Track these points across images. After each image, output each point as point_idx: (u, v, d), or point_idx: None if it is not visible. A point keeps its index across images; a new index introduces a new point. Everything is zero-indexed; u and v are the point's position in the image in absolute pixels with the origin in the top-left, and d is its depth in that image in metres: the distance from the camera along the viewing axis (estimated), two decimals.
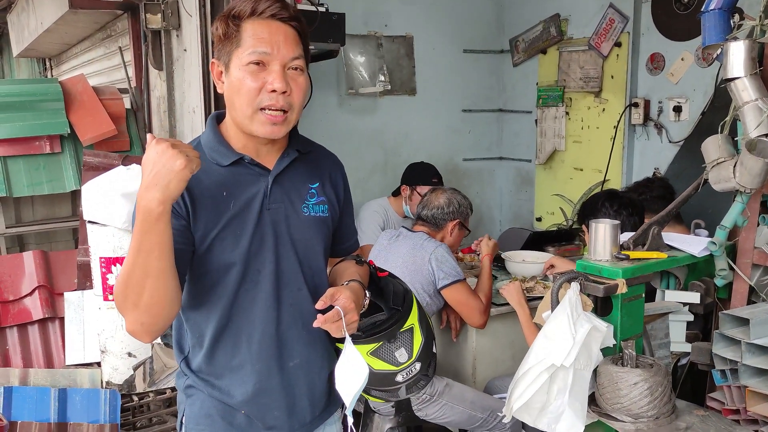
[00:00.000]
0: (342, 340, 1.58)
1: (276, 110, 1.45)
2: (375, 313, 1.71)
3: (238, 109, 1.47)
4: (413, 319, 1.65)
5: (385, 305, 1.71)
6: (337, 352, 1.65)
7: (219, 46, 1.50)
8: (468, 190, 4.87)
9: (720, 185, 1.95)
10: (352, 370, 1.48)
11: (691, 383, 2.27)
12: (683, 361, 2.25)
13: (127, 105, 3.84)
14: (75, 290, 3.34)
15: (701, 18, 2.05)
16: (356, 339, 1.55)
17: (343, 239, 1.75)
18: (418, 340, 1.64)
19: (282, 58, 1.45)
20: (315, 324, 1.42)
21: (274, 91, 1.44)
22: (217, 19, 1.51)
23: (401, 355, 1.61)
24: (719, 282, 2.08)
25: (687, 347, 2.13)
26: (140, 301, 1.35)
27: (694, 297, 2.11)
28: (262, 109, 1.45)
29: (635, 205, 2.82)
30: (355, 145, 4.34)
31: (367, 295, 1.63)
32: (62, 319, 3.39)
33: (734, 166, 1.89)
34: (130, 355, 2.98)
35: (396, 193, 3.86)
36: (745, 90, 1.86)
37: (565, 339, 1.67)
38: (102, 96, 3.58)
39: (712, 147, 1.97)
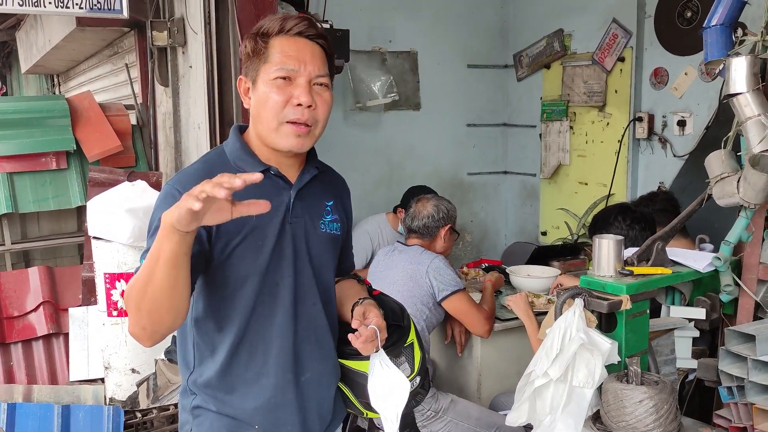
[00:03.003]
0: (345, 356, 1.62)
1: (300, 123, 1.48)
2: None
3: (264, 122, 1.49)
4: (413, 335, 1.69)
5: (390, 322, 1.72)
6: (342, 368, 1.66)
7: (247, 63, 1.54)
8: (473, 204, 4.88)
9: (724, 200, 1.94)
10: (391, 387, 1.51)
11: (699, 400, 2.25)
12: (691, 377, 2.23)
13: (134, 121, 3.87)
14: (80, 306, 3.34)
15: (703, 34, 2.05)
16: (361, 355, 1.56)
17: (346, 258, 1.78)
18: (418, 354, 1.67)
19: (308, 74, 1.49)
20: (354, 342, 1.46)
21: (299, 104, 1.47)
22: (246, 38, 1.55)
23: (405, 369, 1.62)
24: (725, 298, 2.06)
25: (693, 363, 2.11)
26: (142, 305, 1.32)
27: (700, 313, 2.09)
28: (288, 122, 1.48)
29: (648, 219, 2.80)
30: (360, 160, 4.35)
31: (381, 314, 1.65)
32: (67, 335, 3.39)
33: (738, 182, 1.89)
34: (133, 371, 2.98)
35: (396, 210, 3.85)
36: (747, 105, 1.86)
37: (551, 352, 1.68)
38: (108, 112, 3.61)
39: (716, 162, 1.97)
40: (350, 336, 1.46)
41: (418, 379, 1.66)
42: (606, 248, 1.89)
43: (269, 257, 1.50)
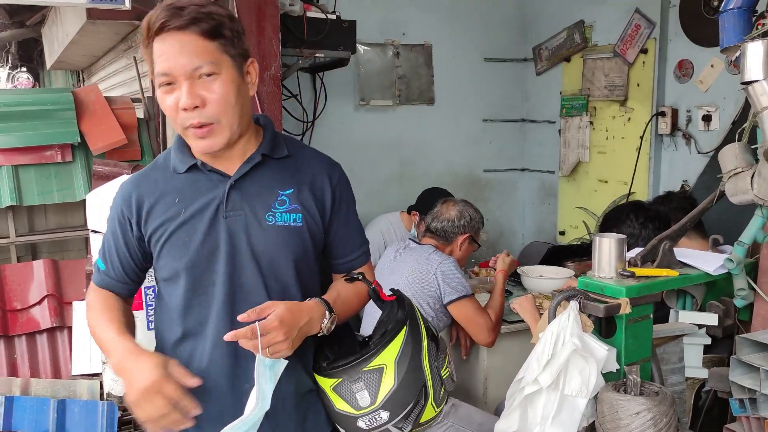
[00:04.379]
0: (321, 372, 1.48)
1: (196, 127, 1.38)
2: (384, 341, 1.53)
3: (175, 128, 1.45)
4: (387, 358, 1.44)
5: (360, 337, 1.61)
6: (315, 383, 1.54)
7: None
8: (489, 202, 4.74)
9: (737, 197, 1.80)
10: (252, 404, 1.33)
11: (718, 411, 2.11)
12: (708, 387, 2.09)
13: (141, 115, 3.83)
14: (83, 300, 3.32)
15: (719, 18, 1.91)
16: (320, 370, 1.45)
17: (339, 254, 1.60)
18: (387, 383, 1.43)
19: (184, 72, 1.35)
20: (225, 338, 1.31)
21: (185, 109, 1.36)
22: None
23: (362, 398, 1.43)
24: (739, 303, 1.92)
25: (704, 373, 1.97)
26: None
27: (712, 318, 1.95)
28: (186, 128, 1.40)
29: (663, 218, 2.66)
30: (370, 155, 4.24)
31: (327, 316, 1.44)
32: (71, 329, 3.37)
33: (752, 177, 1.74)
34: None
35: (410, 212, 3.73)
36: (764, 94, 1.72)
37: (542, 358, 1.55)
38: (114, 105, 3.57)
39: (729, 156, 1.83)
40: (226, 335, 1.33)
41: (383, 414, 1.42)
42: (607, 247, 1.76)
43: (196, 254, 1.44)
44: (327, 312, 1.44)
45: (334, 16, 3.29)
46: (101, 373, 3.14)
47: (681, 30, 3.65)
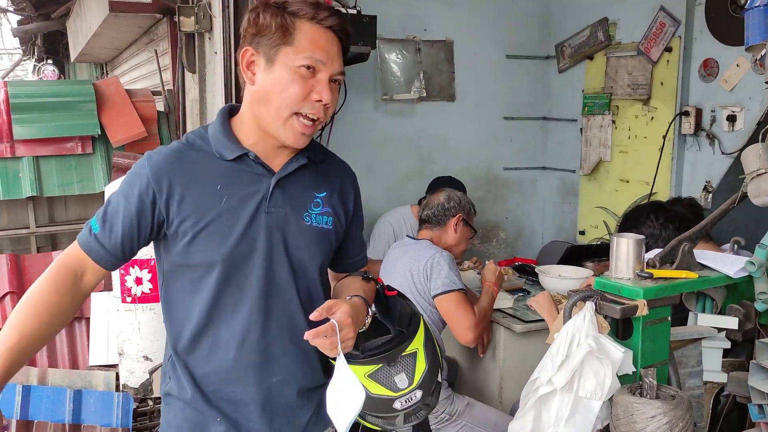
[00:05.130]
0: (356, 361, 1.47)
1: (311, 120, 1.41)
2: (382, 335, 1.58)
3: (274, 108, 1.41)
4: (418, 343, 1.54)
5: (391, 326, 1.59)
6: (332, 372, 1.55)
7: (261, 36, 1.41)
8: (508, 200, 4.70)
9: (760, 199, 1.75)
10: (346, 394, 1.38)
11: (738, 416, 2.06)
12: (727, 391, 2.05)
13: (162, 108, 3.85)
14: (101, 291, 3.34)
15: (745, 16, 1.86)
16: (353, 359, 1.45)
17: (349, 254, 1.67)
18: (421, 366, 1.52)
19: (332, 70, 1.42)
20: (306, 336, 1.33)
21: (319, 101, 1.40)
22: (265, 8, 1.42)
23: (401, 380, 1.50)
24: (760, 306, 1.87)
25: (723, 377, 1.93)
26: None
27: (731, 322, 1.91)
28: (298, 114, 1.40)
29: (683, 218, 2.60)
30: (390, 151, 4.23)
31: (370, 312, 1.53)
32: (88, 320, 3.40)
33: None
34: (146, 358, 2.95)
35: (420, 203, 3.72)
36: None
37: (557, 359, 1.53)
38: (134, 98, 3.60)
39: (752, 157, 1.78)
40: (306, 333, 1.34)
41: (418, 393, 1.51)
42: (625, 248, 1.73)
43: (235, 246, 1.42)
44: (369, 309, 1.52)
45: (354, 11, 3.27)
46: (117, 365, 3.16)
47: (706, 28, 3.59)
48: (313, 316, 1.36)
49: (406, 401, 1.50)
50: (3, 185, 3.37)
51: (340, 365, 1.38)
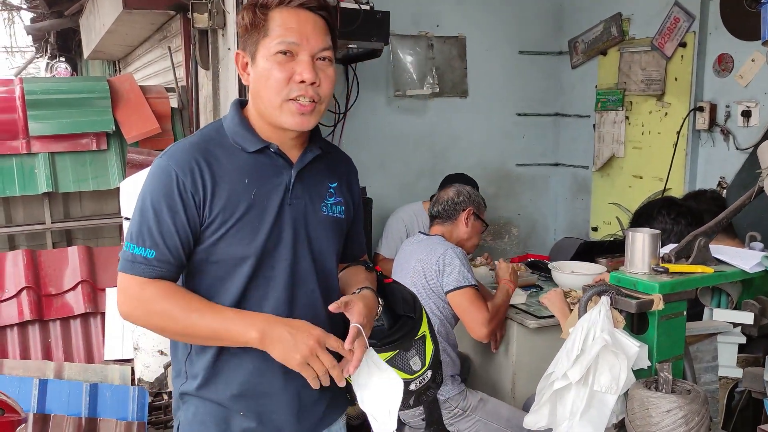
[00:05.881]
0: (375, 349, 1.52)
1: (305, 101, 1.41)
2: (388, 320, 1.63)
3: (266, 100, 1.42)
4: (425, 327, 1.61)
5: (392, 312, 1.62)
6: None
7: (245, 37, 1.45)
8: (521, 196, 4.70)
9: None
10: (382, 387, 1.43)
11: (752, 411, 2.06)
12: (741, 387, 2.04)
13: (175, 104, 3.87)
14: (116, 286, 3.37)
15: (761, 10, 1.85)
16: (372, 348, 1.48)
17: (352, 243, 1.69)
18: (429, 347, 1.59)
19: (311, 49, 1.41)
20: (346, 345, 1.37)
21: (303, 81, 1.40)
22: (243, 9, 1.46)
23: (415, 363, 1.56)
24: None
25: (738, 372, 1.92)
26: (157, 327, 1.42)
27: (747, 317, 1.90)
28: (290, 100, 1.41)
29: (695, 214, 2.59)
30: (402, 148, 4.23)
31: (380, 302, 1.56)
32: (104, 315, 3.43)
33: None
34: (161, 353, 2.98)
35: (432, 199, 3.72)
36: None
37: (572, 353, 1.53)
38: (148, 95, 3.62)
39: None
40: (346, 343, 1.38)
41: (429, 373, 1.59)
42: (640, 242, 1.72)
43: (266, 239, 1.43)
44: (378, 299, 1.54)
45: (367, 7, 3.27)
46: (133, 359, 3.19)
47: (721, 23, 3.57)
48: (332, 308, 1.40)
49: (420, 382, 1.58)
50: (19, 181, 3.40)
51: (373, 361, 1.43)
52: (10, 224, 3.61)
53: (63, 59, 9.49)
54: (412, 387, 1.56)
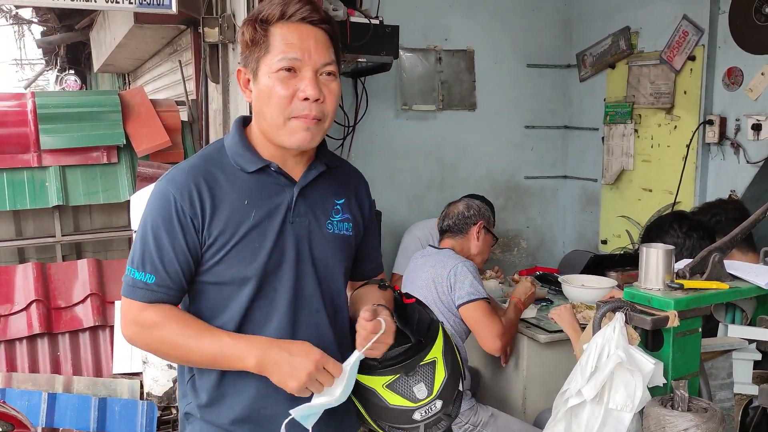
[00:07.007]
0: (373, 371, 1.45)
1: (309, 118, 1.38)
2: (402, 344, 1.54)
3: (268, 118, 1.39)
4: (436, 352, 1.50)
5: (410, 335, 1.57)
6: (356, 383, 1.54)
7: (246, 53, 1.42)
8: (529, 209, 4.69)
9: None
10: (334, 387, 1.37)
11: (766, 428, 2.03)
12: (756, 404, 2.02)
13: (185, 117, 3.89)
14: None
15: None
16: (371, 369, 1.43)
17: (365, 261, 1.66)
18: (440, 375, 1.48)
19: (314, 64, 1.38)
20: (360, 336, 1.37)
21: (306, 99, 1.36)
22: (244, 24, 1.43)
23: (420, 390, 1.46)
24: None
25: (754, 389, 1.90)
26: (160, 353, 1.44)
27: (763, 333, 1.88)
28: (294, 117, 1.38)
29: (707, 228, 2.58)
30: (411, 161, 4.23)
31: (394, 321, 1.51)
32: (112, 328, 3.42)
33: None
34: (170, 367, 2.97)
35: None
36: None
37: (586, 370, 1.51)
38: (159, 108, 3.64)
39: None
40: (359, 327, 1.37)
41: (438, 403, 1.47)
42: (654, 258, 1.71)
43: (267, 259, 1.41)
44: (393, 318, 1.49)
45: (377, 21, 3.29)
46: (141, 373, 3.18)
47: (730, 37, 3.56)
48: (364, 317, 1.36)
49: (425, 412, 1.47)
50: (30, 194, 3.41)
51: (351, 361, 1.38)
52: (20, 237, 3.62)
53: (72, 72, 9.56)
54: (417, 416, 1.46)
